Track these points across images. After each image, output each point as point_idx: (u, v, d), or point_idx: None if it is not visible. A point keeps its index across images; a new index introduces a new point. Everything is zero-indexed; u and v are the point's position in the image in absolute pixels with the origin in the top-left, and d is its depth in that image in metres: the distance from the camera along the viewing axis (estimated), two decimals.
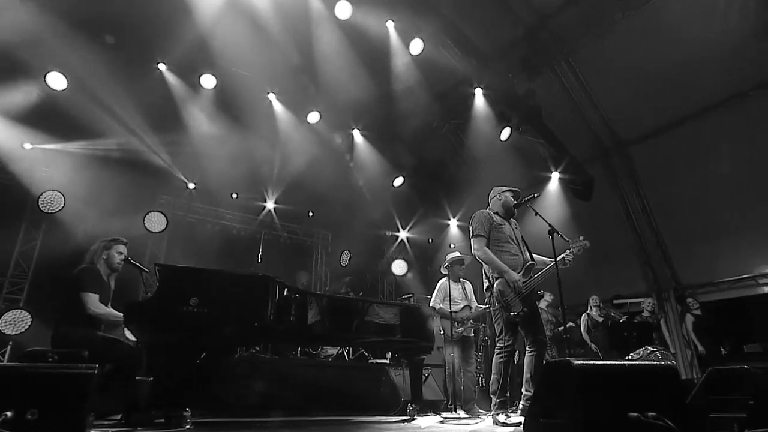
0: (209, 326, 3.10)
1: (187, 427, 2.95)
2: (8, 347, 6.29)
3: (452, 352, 4.95)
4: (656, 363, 2.95)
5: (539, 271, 3.61)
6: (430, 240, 10.56)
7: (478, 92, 7.85)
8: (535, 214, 3.81)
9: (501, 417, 3.48)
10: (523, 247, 3.73)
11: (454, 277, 5.27)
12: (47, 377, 2.21)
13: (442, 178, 9.65)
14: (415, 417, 4.23)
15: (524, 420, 2.34)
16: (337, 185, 8.84)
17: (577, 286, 5.66)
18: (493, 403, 3.57)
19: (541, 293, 6.70)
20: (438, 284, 5.43)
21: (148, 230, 7.57)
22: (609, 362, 2.30)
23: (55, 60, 6.18)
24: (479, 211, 3.83)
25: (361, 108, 8.24)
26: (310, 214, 9.84)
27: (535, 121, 7.57)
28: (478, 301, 5.31)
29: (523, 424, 2.32)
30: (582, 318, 6.74)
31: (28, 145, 6.84)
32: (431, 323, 4.58)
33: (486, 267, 3.69)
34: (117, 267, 3.53)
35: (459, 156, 9.21)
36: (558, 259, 3.48)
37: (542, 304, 6.61)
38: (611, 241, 7.74)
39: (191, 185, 8.46)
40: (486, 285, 3.71)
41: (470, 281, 5.46)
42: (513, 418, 3.46)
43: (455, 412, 4.69)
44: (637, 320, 6.40)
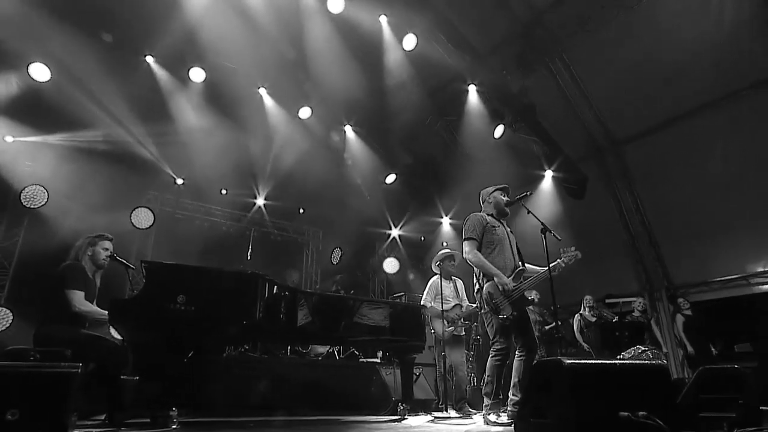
0: (197, 324, 3.06)
1: (174, 427, 2.91)
2: None
3: (443, 351, 4.92)
4: (647, 362, 2.96)
5: (529, 277, 3.61)
6: (422, 238, 10.53)
7: (472, 89, 7.82)
8: (528, 212, 3.79)
9: (492, 417, 3.50)
10: (516, 252, 3.72)
11: (446, 275, 5.23)
12: (28, 377, 2.16)
13: (434, 175, 9.61)
14: (405, 416, 4.21)
15: (515, 420, 2.33)
16: (329, 182, 8.75)
17: (569, 286, 5.68)
18: (485, 403, 3.58)
19: (531, 299, 6.68)
20: (429, 282, 5.40)
21: (134, 226, 7.42)
22: (600, 361, 2.29)
23: (38, 50, 6.00)
24: (473, 213, 3.83)
25: (353, 104, 8.16)
26: (301, 211, 9.73)
27: (529, 119, 7.56)
28: (469, 299, 5.29)
29: (513, 425, 2.30)
30: (575, 318, 6.70)
31: (9, 138, 6.67)
32: (422, 322, 4.56)
33: (477, 270, 3.68)
34: (102, 264, 3.46)
35: (452, 153, 9.16)
36: (549, 267, 3.47)
37: None
38: (604, 240, 7.79)
39: (179, 180, 8.31)
40: (477, 287, 3.70)
41: (461, 279, 5.43)
42: (504, 418, 3.46)
43: (446, 411, 4.67)
44: (628, 320, 6.43)
